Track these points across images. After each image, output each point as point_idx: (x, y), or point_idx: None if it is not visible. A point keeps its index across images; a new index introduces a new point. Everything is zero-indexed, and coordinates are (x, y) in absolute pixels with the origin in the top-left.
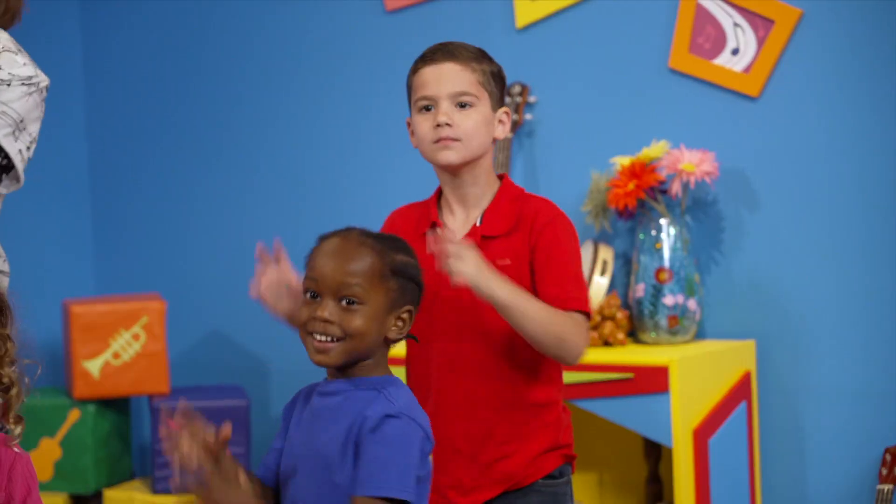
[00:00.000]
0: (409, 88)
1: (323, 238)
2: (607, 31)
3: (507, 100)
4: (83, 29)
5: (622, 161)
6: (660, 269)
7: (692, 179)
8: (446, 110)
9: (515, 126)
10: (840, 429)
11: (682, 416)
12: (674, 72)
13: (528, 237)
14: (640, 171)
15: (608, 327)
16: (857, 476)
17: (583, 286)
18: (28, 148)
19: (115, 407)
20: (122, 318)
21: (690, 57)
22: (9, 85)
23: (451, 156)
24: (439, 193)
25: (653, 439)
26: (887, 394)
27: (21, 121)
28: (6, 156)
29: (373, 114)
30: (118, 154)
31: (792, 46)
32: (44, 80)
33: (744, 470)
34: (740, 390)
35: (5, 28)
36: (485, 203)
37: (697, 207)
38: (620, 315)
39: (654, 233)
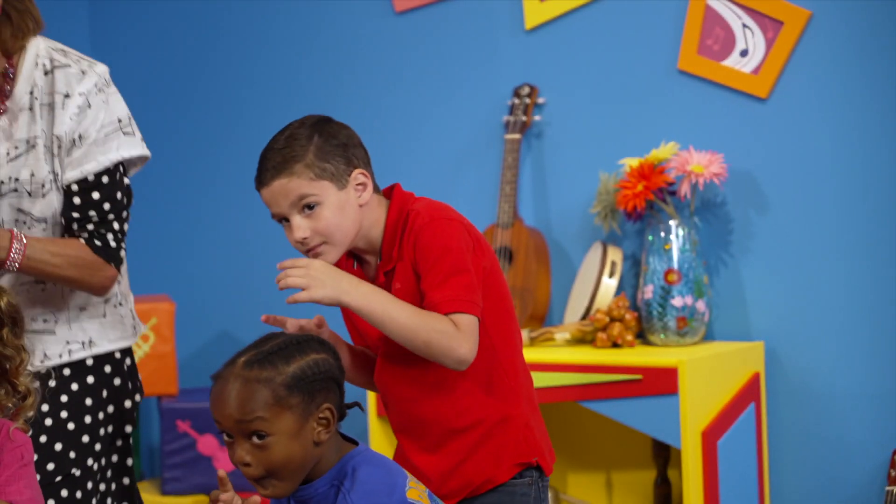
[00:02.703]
0: None
1: (213, 378)
2: (616, 32)
3: (516, 101)
4: (91, 28)
5: (631, 162)
6: (668, 271)
7: (701, 181)
8: (298, 224)
9: (524, 127)
10: (849, 430)
11: (690, 417)
12: (682, 73)
13: (411, 255)
14: (648, 173)
15: (617, 329)
16: (866, 478)
17: (462, 279)
18: (137, 129)
19: None
20: None
21: (699, 58)
22: (89, 106)
23: (329, 258)
24: None
25: (661, 440)
26: None
27: (118, 120)
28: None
29: (382, 114)
30: None
31: (801, 48)
32: (104, 71)
33: (752, 471)
34: (749, 392)
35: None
36: (378, 239)
37: (706, 209)
38: (629, 316)
39: (662, 234)
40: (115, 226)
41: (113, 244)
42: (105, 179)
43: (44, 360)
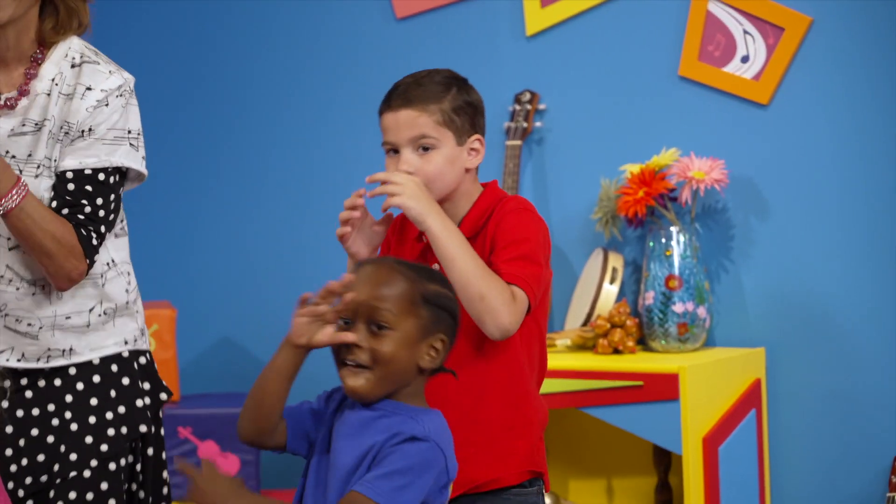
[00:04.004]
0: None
1: (358, 265)
2: (617, 38)
3: (517, 107)
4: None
5: (632, 168)
6: (669, 277)
7: (702, 187)
8: (408, 159)
9: (525, 133)
10: (850, 436)
11: (691, 423)
12: (683, 79)
13: (492, 232)
14: (649, 179)
15: (618, 335)
16: (868, 484)
17: (532, 268)
18: (142, 146)
19: None
20: None
21: (700, 64)
22: (107, 105)
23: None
24: None
25: (662, 447)
26: None
27: (129, 131)
28: (126, 170)
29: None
30: None
31: (801, 54)
32: (129, 79)
33: (754, 477)
34: (750, 398)
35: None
36: (462, 211)
37: (707, 215)
38: (630, 323)
39: (663, 240)
40: (102, 228)
41: (95, 242)
42: (101, 177)
43: (21, 360)
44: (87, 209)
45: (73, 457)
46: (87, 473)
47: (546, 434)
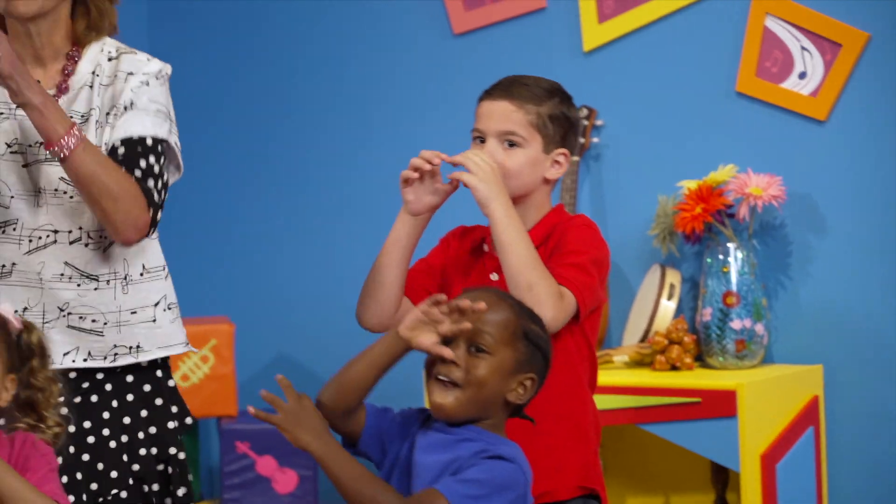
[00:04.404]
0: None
1: (465, 290)
2: (674, 54)
3: None
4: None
5: (689, 185)
6: (727, 294)
7: (759, 203)
8: (493, 149)
9: (582, 150)
10: None
11: (749, 440)
12: (741, 95)
13: (555, 242)
14: (707, 195)
15: (675, 351)
16: None
17: (584, 276)
18: (178, 137)
19: None
20: (191, 341)
21: (757, 80)
22: (148, 84)
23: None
24: None
25: (720, 463)
26: None
27: (170, 113)
28: (171, 151)
29: (440, 135)
30: (186, 175)
31: (859, 70)
32: (167, 67)
33: (812, 494)
34: (808, 415)
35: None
36: (529, 222)
37: (765, 231)
38: (688, 339)
39: (721, 257)
40: (159, 184)
41: (156, 197)
42: (150, 142)
43: (87, 359)
44: (143, 163)
45: (114, 474)
46: (123, 494)
47: (603, 451)
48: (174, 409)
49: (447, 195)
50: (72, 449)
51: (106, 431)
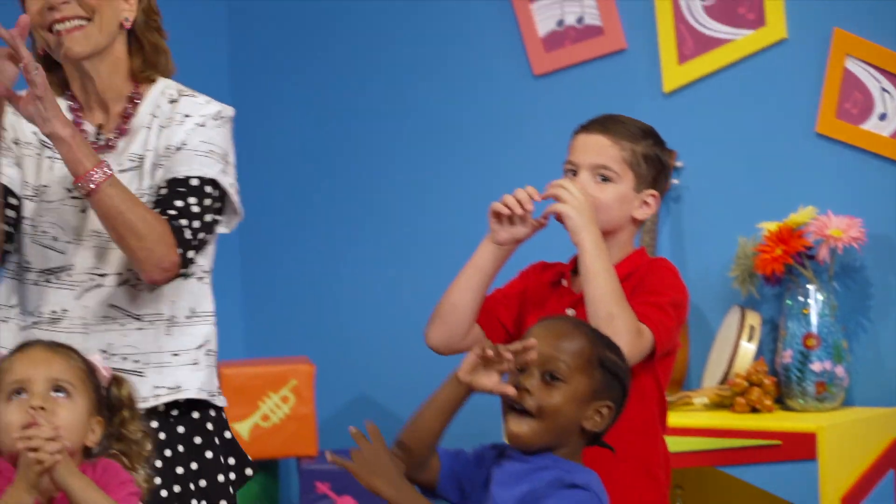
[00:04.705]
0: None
1: (542, 319)
2: (754, 95)
3: None
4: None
5: (769, 226)
6: (807, 336)
7: (840, 245)
8: (585, 181)
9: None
10: None
11: (830, 483)
12: (821, 136)
13: (636, 282)
14: (787, 237)
15: (755, 393)
16: None
17: (664, 317)
18: (236, 180)
19: (264, 469)
20: (271, 381)
21: (837, 122)
22: (204, 126)
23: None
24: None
25: None
26: None
27: (225, 154)
28: (222, 192)
29: (519, 176)
30: (268, 216)
31: None
32: (228, 109)
33: None
34: (889, 458)
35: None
36: (613, 260)
37: (845, 273)
38: (768, 381)
39: (801, 298)
40: (196, 224)
41: (188, 235)
42: (195, 182)
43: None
44: (179, 203)
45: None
46: None
47: (683, 493)
48: (229, 461)
49: (535, 230)
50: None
51: (158, 480)
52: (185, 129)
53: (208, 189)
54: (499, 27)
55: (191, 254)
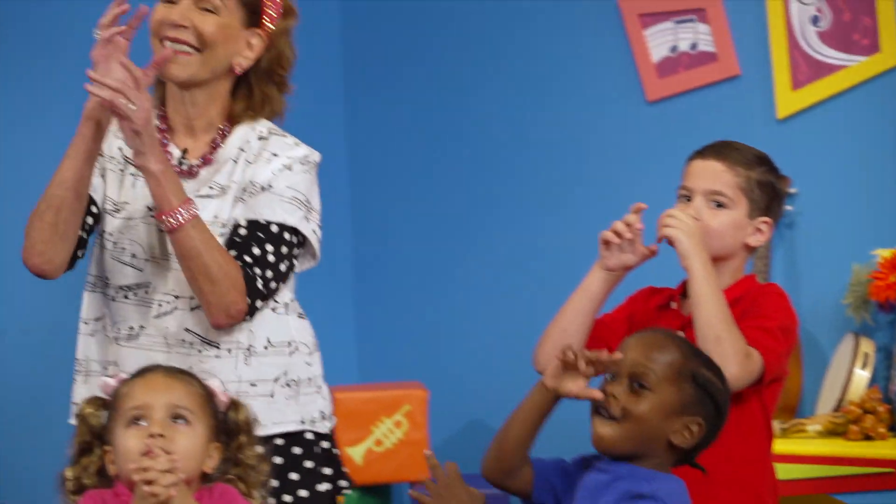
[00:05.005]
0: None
1: (637, 332)
2: (868, 121)
3: None
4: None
5: (883, 253)
6: None
7: None
8: (698, 207)
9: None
10: None
11: None
12: None
13: (744, 307)
14: None
15: (869, 421)
16: None
17: (774, 343)
18: (319, 226)
19: (377, 493)
20: (385, 406)
21: None
22: (290, 169)
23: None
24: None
25: None
26: None
27: (308, 201)
28: (303, 237)
29: (633, 202)
30: (381, 243)
31: None
32: (315, 154)
33: None
34: None
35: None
36: (722, 289)
37: None
38: (882, 409)
39: None
40: (269, 273)
41: (259, 285)
42: (274, 229)
43: None
44: (256, 251)
45: None
46: None
47: None
48: (327, 471)
49: (645, 258)
50: None
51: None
52: (272, 170)
53: (287, 236)
54: (613, 53)
55: (259, 303)
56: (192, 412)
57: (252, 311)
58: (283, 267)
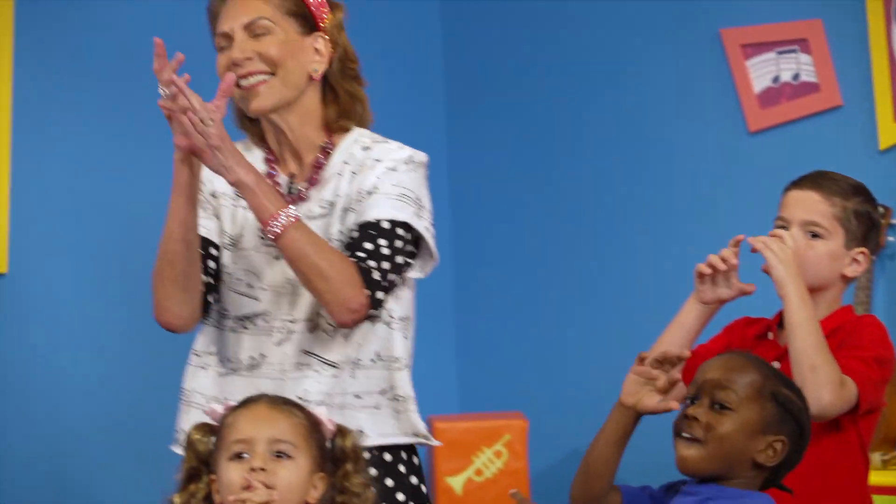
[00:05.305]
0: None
1: (717, 356)
2: None
3: None
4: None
5: None
6: None
7: None
8: (796, 236)
9: (878, 248)
10: None
11: None
12: None
13: (841, 339)
14: None
15: None
16: None
17: (870, 372)
18: (432, 224)
19: None
20: (485, 436)
21: None
22: (395, 170)
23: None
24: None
25: None
26: None
27: (418, 199)
28: (416, 234)
29: (734, 233)
30: (482, 273)
31: None
32: (421, 154)
33: None
34: None
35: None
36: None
37: None
38: None
39: None
40: (385, 265)
41: (376, 276)
42: (386, 225)
43: None
44: (368, 245)
45: None
46: None
47: None
48: (423, 488)
49: (740, 294)
50: None
51: None
52: (377, 174)
53: (400, 231)
54: (715, 84)
55: (379, 294)
56: (294, 445)
57: (375, 304)
58: (398, 259)
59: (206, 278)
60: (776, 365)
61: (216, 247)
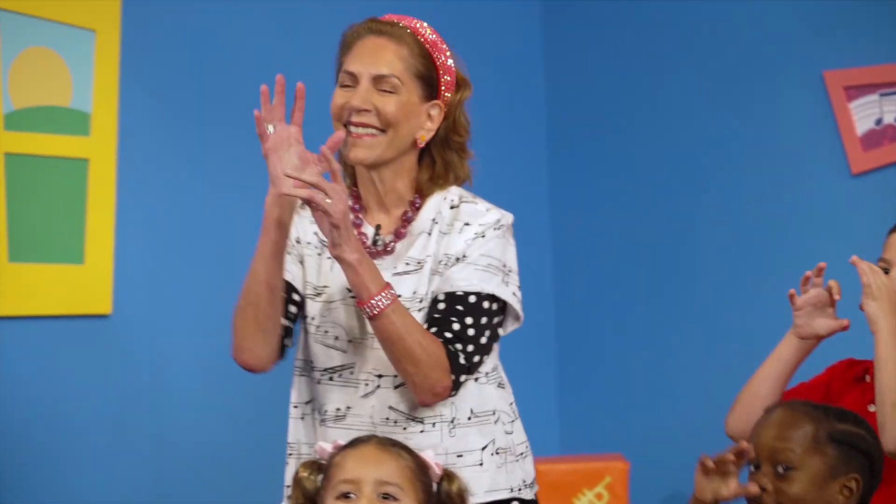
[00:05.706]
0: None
1: (766, 410)
2: None
3: None
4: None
5: None
6: None
7: None
8: (894, 276)
9: None
10: None
11: None
12: None
13: None
14: None
15: None
16: None
17: None
18: (518, 287)
19: None
20: (586, 478)
21: None
22: (483, 236)
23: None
24: None
25: None
26: None
27: (504, 265)
28: (503, 303)
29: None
30: (583, 315)
31: None
32: (508, 216)
33: None
34: None
35: (459, 185)
36: None
37: None
38: None
39: None
40: (470, 347)
41: (462, 360)
42: (473, 299)
43: None
44: (456, 326)
45: None
46: None
47: None
48: None
49: (838, 329)
50: None
51: None
52: (465, 239)
53: (486, 304)
54: (817, 126)
55: (463, 378)
56: (401, 488)
57: (457, 387)
58: (483, 339)
59: (286, 322)
60: (872, 409)
61: (298, 292)
